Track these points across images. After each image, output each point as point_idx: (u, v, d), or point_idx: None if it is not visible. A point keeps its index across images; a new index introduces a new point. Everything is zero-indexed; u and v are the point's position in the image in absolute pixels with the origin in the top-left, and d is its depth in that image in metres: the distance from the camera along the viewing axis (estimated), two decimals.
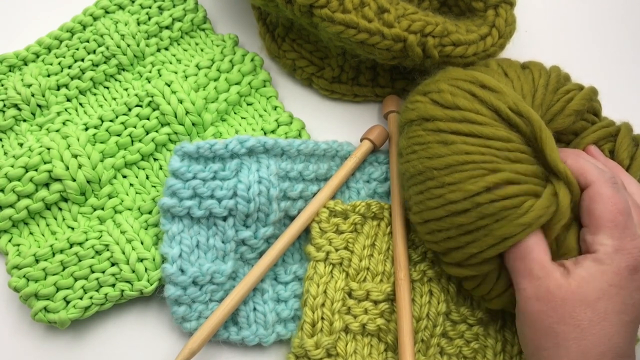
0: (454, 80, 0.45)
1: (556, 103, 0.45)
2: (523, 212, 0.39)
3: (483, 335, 0.47)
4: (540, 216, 0.39)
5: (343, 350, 0.45)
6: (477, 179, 0.40)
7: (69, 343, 0.48)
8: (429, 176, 0.43)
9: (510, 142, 0.41)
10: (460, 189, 0.41)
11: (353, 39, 0.48)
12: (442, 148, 0.42)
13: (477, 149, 0.41)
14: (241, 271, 0.48)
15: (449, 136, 0.42)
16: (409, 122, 0.46)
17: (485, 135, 0.41)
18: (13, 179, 0.49)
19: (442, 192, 0.42)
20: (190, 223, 0.48)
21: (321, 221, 0.49)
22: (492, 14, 0.52)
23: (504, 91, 0.43)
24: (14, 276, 0.47)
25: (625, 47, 0.65)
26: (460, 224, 0.41)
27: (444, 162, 0.42)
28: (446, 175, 0.41)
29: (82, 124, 0.53)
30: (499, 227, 0.40)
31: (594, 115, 0.49)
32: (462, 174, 0.41)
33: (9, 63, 0.57)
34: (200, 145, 0.48)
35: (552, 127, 0.45)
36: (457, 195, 0.41)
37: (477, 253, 0.41)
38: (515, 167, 0.41)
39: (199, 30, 0.61)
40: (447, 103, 0.44)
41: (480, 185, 0.40)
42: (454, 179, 0.41)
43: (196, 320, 0.46)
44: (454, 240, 0.42)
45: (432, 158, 0.43)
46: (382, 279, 0.48)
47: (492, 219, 0.40)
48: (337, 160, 0.53)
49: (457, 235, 0.42)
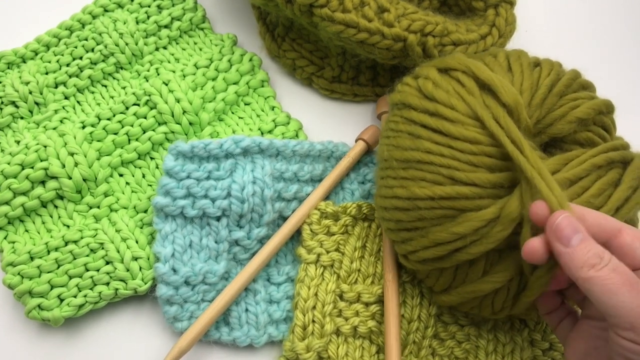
0: (447, 68, 0.44)
1: (559, 108, 0.43)
2: (458, 222, 0.39)
3: (475, 335, 0.47)
4: (476, 228, 0.38)
5: (334, 353, 0.45)
6: (425, 185, 0.40)
7: (63, 341, 0.48)
8: (389, 165, 0.42)
9: (477, 145, 0.39)
10: (408, 188, 0.40)
11: (353, 38, 0.48)
12: (408, 141, 0.41)
13: (439, 149, 0.40)
14: (234, 271, 0.48)
15: (418, 129, 0.41)
16: (393, 104, 0.46)
17: (452, 135, 0.40)
18: (9, 176, 0.49)
19: (393, 184, 0.42)
20: (184, 222, 0.48)
21: (312, 223, 0.49)
22: (492, 13, 0.52)
23: (498, 85, 0.41)
24: (9, 273, 0.47)
25: (625, 47, 0.65)
26: (400, 219, 0.41)
27: (405, 155, 0.41)
28: (402, 169, 0.41)
29: (80, 122, 0.53)
30: (434, 231, 0.40)
31: (604, 131, 0.45)
32: (416, 173, 0.40)
33: (8, 60, 0.58)
34: (195, 145, 0.48)
35: (551, 132, 0.43)
36: (403, 192, 0.41)
37: (414, 251, 0.42)
38: (473, 175, 0.39)
39: (198, 30, 0.61)
40: (426, 93, 0.42)
41: (425, 192, 0.39)
42: (408, 174, 0.41)
43: (188, 320, 0.46)
44: (394, 233, 0.43)
45: (397, 148, 0.42)
46: (373, 281, 0.48)
47: (429, 223, 0.40)
48: (333, 161, 0.53)
49: (396, 229, 0.42)
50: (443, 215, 0.39)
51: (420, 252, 0.41)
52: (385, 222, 0.44)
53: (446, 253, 0.40)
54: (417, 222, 0.40)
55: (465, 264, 0.41)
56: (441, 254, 0.40)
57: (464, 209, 0.39)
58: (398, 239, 0.43)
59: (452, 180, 0.39)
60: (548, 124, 0.43)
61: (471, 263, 0.40)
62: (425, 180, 0.40)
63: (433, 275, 0.43)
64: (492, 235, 0.38)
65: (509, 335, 0.47)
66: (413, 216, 0.40)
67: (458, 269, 0.41)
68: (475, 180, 0.39)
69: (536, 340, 0.47)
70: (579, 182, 0.39)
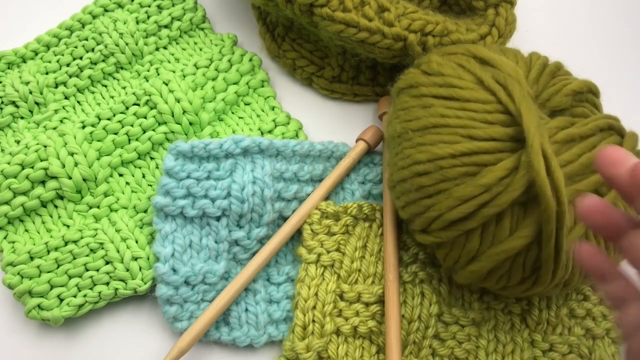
0: (446, 53, 0.45)
1: (553, 85, 0.45)
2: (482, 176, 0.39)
3: (475, 336, 0.47)
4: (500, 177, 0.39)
5: (334, 352, 0.45)
6: (445, 144, 0.40)
7: (62, 341, 0.48)
8: (405, 137, 0.43)
9: (489, 104, 0.41)
10: (428, 151, 0.41)
11: (353, 37, 0.48)
12: (421, 111, 0.43)
13: (453, 112, 0.41)
14: (234, 271, 0.48)
15: (429, 100, 0.43)
16: (398, 90, 0.46)
17: (464, 98, 0.42)
18: (9, 176, 0.49)
19: (411, 152, 0.42)
20: (184, 222, 0.48)
21: (313, 223, 0.49)
22: (492, 13, 0.52)
23: (497, 60, 0.43)
24: (8, 273, 0.47)
25: (627, 47, 0.65)
26: (422, 185, 0.42)
27: (420, 123, 0.42)
28: (419, 136, 0.42)
29: (80, 122, 0.53)
30: (459, 189, 0.40)
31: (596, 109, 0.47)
32: (434, 137, 0.41)
33: (8, 60, 0.58)
34: (195, 145, 0.48)
35: (549, 105, 0.45)
36: (422, 157, 0.41)
37: (438, 217, 0.41)
38: (490, 130, 0.40)
39: (198, 30, 0.61)
40: (432, 71, 0.44)
41: (446, 151, 0.40)
42: (426, 140, 0.41)
43: (187, 320, 0.46)
44: (416, 204, 0.43)
45: (410, 120, 0.43)
46: (373, 281, 0.48)
47: (452, 183, 0.40)
48: (333, 161, 0.53)
49: (419, 198, 0.42)
50: (465, 173, 0.40)
51: (446, 214, 0.41)
52: (403, 196, 0.44)
53: (473, 210, 0.40)
54: (440, 184, 0.41)
55: (492, 223, 0.40)
56: (468, 211, 0.40)
57: (484, 164, 0.40)
58: (419, 210, 0.43)
59: (470, 138, 0.40)
60: (545, 99, 0.45)
61: (497, 221, 0.40)
62: (443, 142, 0.41)
63: (458, 245, 0.42)
64: (517, 181, 0.38)
65: (509, 335, 0.47)
66: (435, 178, 0.41)
67: (484, 230, 0.41)
68: (493, 135, 0.40)
69: (536, 340, 0.47)
70: (589, 139, 0.41)
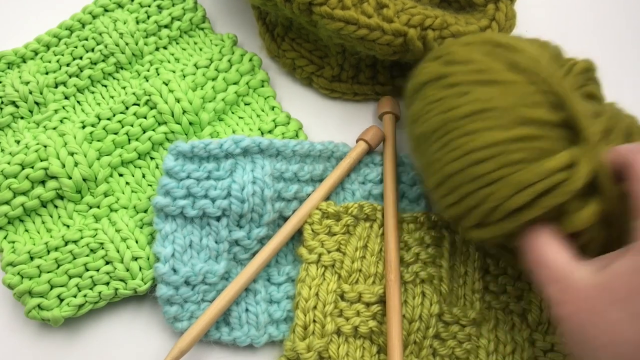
0: (464, 44, 0.44)
1: (562, 66, 0.44)
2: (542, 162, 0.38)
3: (476, 335, 0.47)
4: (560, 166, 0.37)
5: (335, 352, 0.45)
6: (498, 128, 0.39)
7: (62, 341, 0.48)
8: (448, 128, 0.41)
9: (529, 85, 0.40)
10: (482, 137, 0.39)
11: (353, 35, 0.48)
12: (459, 99, 0.41)
13: (497, 94, 0.40)
14: (234, 272, 0.48)
15: (464, 87, 0.41)
16: (420, 85, 0.45)
17: (505, 81, 0.40)
18: (9, 176, 0.49)
19: (462, 141, 0.40)
20: (184, 223, 0.48)
21: (313, 223, 0.49)
22: (492, 7, 0.52)
23: (518, 44, 0.42)
24: (8, 273, 0.47)
25: (627, 44, 0.65)
26: (479, 174, 0.39)
27: (463, 111, 0.41)
28: (467, 124, 0.40)
29: (80, 122, 0.52)
30: (518, 175, 0.38)
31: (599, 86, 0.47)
32: (483, 123, 0.39)
33: (8, 60, 0.58)
34: (195, 145, 0.48)
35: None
36: (477, 144, 0.39)
37: (497, 206, 0.39)
38: (538, 111, 0.39)
39: (198, 30, 0.61)
40: (460, 59, 0.43)
41: (503, 135, 0.39)
42: (477, 126, 0.40)
43: (188, 320, 0.46)
44: (472, 196, 0.40)
45: (450, 110, 0.41)
46: (374, 281, 0.48)
47: (511, 168, 0.38)
48: (333, 161, 0.53)
49: (475, 189, 0.40)
50: (523, 159, 0.38)
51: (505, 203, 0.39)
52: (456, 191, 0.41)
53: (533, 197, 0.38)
54: (499, 171, 0.39)
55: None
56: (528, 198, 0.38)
57: (541, 148, 0.38)
58: (474, 202, 0.40)
59: (521, 120, 0.39)
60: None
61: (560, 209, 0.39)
62: (497, 126, 0.39)
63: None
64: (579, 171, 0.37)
65: (510, 335, 0.47)
66: (493, 164, 0.39)
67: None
68: (542, 116, 0.39)
69: (537, 340, 0.47)
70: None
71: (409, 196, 0.53)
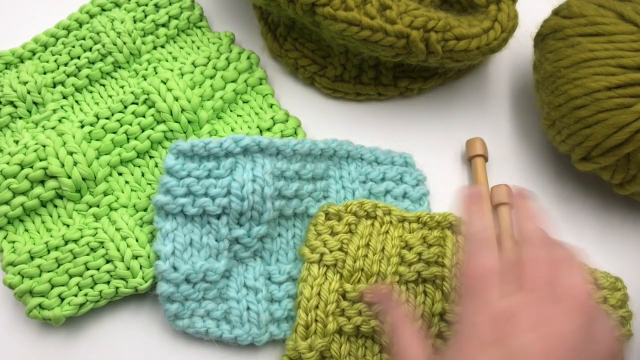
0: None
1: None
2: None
3: None
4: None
5: (337, 352, 0.45)
6: (599, 77, 0.45)
7: (63, 340, 0.48)
8: (557, 76, 0.48)
9: (634, 34, 0.45)
10: (583, 85, 0.46)
11: (356, 36, 0.48)
12: (569, 50, 0.47)
13: (601, 46, 0.45)
14: (235, 270, 0.48)
15: (575, 39, 0.47)
16: (541, 37, 0.51)
17: (610, 32, 0.46)
18: (8, 176, 0.49)
19: (566, 88, 0.47)
20: (184, 221, 0.48)
21: (317, 224, 0.49)
22: (494, 8, 0.52)
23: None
24: (9, 273, 0.47)
25: None
26: (580, 117, 0.46)
27: (570, 60, 0.47)
28: (572, 72, 0.46)
29: (78, 122, 0.52)
30: (615, 118, 0.44)
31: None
32: (586, 70, 0.46)
33: (5, 60, 0.57)
34: (195, 144, 0.48)
35: None
36: (579, 91, 0.46)
37: (597, 145, 0.46)
38: (638, 57, 0.44)
39: (195, 28, 0.61)
40: (574, 14, 0.48)
41: (600, 84, 0.45)
42: (579, 74, 0.46)
43: (189, 318, 0.46)
44: (576, 135, 0.47)
45: (560, 60, 0.48)
46: (376, 280, 0.48)
47: (609, 113, 0.44)
48: (335, 159, 0.53)
49: (577, 130, 0.47)
50: (620, 104, 0.44)
51: (604, 142, 0.46)
52: (564, 130, 0.48)
53: (628, 136, 0.44)
54: (597, 115, 0.45)
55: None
56: (624, 137, 0.44)
57: (637, 95, 0.44)
58: (579, 140, 0.47)
59: (621, 67, 0.45)
60: None
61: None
62: (597, 74, 0.45)
63: (621, 167, 0.47)
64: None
65: None
66: (592, 109, 0.45)
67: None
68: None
69: None
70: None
71: (411, 196, 0.53)
